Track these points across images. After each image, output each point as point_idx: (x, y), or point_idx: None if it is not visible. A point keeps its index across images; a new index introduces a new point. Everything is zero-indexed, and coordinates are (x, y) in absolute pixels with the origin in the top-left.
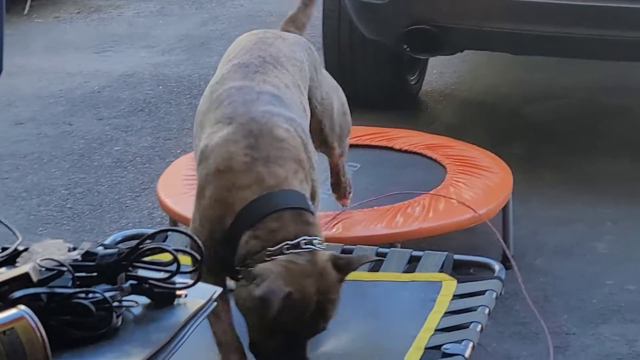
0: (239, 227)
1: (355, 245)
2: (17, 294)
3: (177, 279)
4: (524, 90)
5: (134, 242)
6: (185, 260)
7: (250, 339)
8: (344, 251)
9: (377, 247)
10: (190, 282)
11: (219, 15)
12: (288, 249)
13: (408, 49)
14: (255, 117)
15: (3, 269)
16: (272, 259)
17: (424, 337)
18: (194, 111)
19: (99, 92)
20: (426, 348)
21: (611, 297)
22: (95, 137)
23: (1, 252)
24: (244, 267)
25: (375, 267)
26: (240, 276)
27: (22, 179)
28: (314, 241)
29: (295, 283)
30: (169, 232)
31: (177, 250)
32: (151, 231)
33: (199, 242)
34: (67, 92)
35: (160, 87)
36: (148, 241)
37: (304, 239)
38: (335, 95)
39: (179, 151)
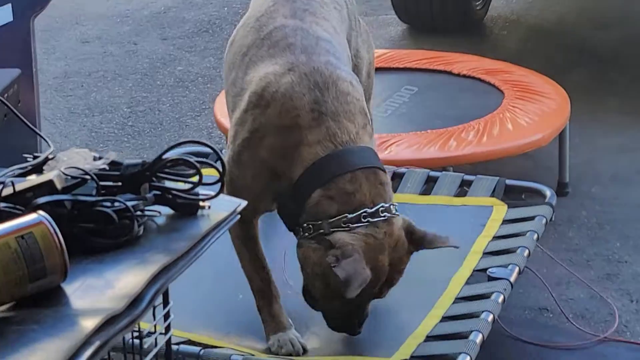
0: (309, 183)
1: (405, 168)
2: (40, 200)
3: (203, 190)
4: (593, 18)
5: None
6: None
7: (307, 290)
8: (395, 174)
9: (429, 171)
10: (213, 193)
11: None
12: (366, 217)
13: None
14: (319, 68)
15: (33, 176)
16: (351, 228)
17: (472, 260)
18: None
19: (164, 13)
20: (474, 271)
21: None
22: (159, 57)
23: (32, 160)
24: (314, 227)
25: (427, 190)
26: (307, 234)
27: (85, 97)
28: (391, 207)
29: (373, 260)
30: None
31: (200, 163)
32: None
33: (221, 155)
34: (134, 11)
35: (225, 8)
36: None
37: (382, 207)
38: (367, 54)
39: None
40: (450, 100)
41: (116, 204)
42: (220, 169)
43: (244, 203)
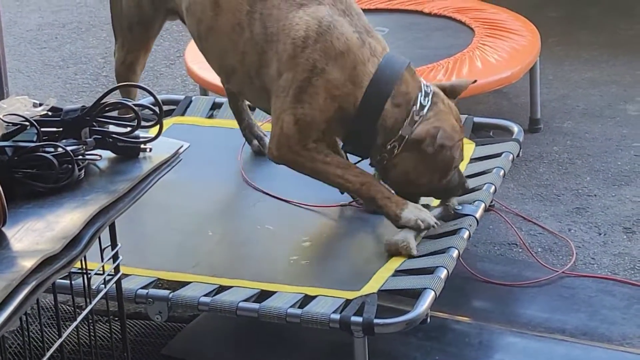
0: (377, 99)
1: None
2: None
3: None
4: None
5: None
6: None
7: (411, 192)
8: None
9: None
10: (152, 135)
11: None
12: (429, 102)
13: None
14: None
15: None
16: (422, 118)
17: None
18: None
19: None
20: (441, 205)
21: (637, 159)
22: None
23: None
24: (399, 143)
25: None
26: (395, 152)
27: (59, 48)
28: (427, 85)
29: (450, 126)
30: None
31: (137, 105)
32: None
33: (157, 97)
34: None
35: None
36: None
37: (426, 88)
38: None
39: None
40: (420, 40)
41: (56, 148)
42: (158, 112)
43: (185, 145)
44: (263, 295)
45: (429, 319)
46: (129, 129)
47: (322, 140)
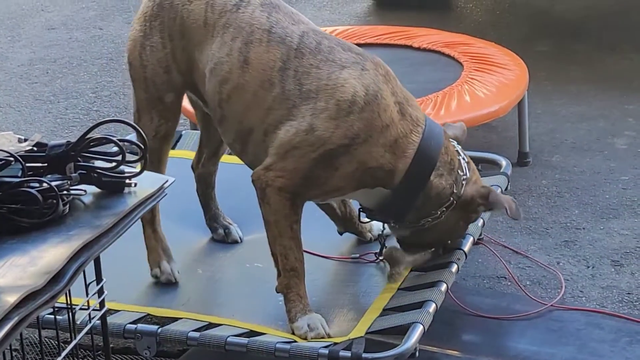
0: (422, 171)
1: None
2: None
3: (128, 169)
4: None
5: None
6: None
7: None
8: None
9: None
10: (137, 170)
11: None
12: (464, 169)
13: None
14: (374, 59)
15: None
16: (467, 180)
17: None
18: None
19: None
20: None
21: (625, 192)
22: (124, 41)
23: None
24: (444, 208)
25: None
26: (436, 217)
27: (51, 83)
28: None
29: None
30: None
31: (122, 141)
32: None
33: (142, 133)
34: None
35: None
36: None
37: (461, 153)
38: None
39: None
40: (410, 74)
41: (40, 184)
42: (142, 146)
43: (171, 180)
44: (252, 333)
45: (417, 353)
46: (114, 164)
47: (319, 200)
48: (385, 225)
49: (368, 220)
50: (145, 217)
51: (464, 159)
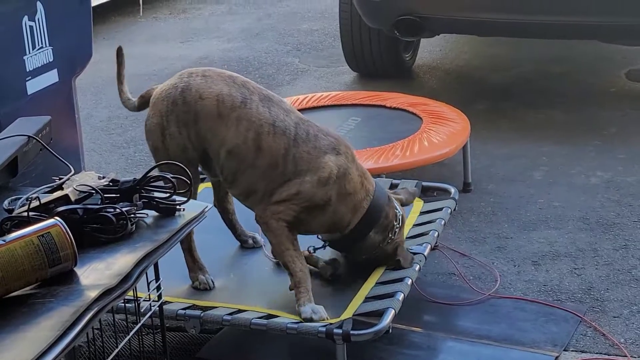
0: (366, 227)
1: None
2: (59, 209)
3: (179, 198)
4: (491, 63)
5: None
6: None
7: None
8: None
9: None
10: (185, 199)
11: (271, 13)
12: (397, 227)
13: (398, 34)
14: (343, 141)
15: (58, 193)
16: (393, 239)
17: None
18: None
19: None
20: None
21: (541, 211)
22: None
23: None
24: (377, 250)
25: None
26: (363, 255)
27: (124, 134)
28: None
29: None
30: None
31: (174, 177)
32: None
33: (188, 170)
34: (159, 71)
35: (225, 66)
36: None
37: (397, 211)
38: None
39: None
40: (383, 126)
41: (114, 209)
42: (189, 182)
43: (210, 206)
44: (270, 316)
45: (391, 330)
46: (167, 194)
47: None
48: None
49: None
50: (184, 245)
51: (398, 224)
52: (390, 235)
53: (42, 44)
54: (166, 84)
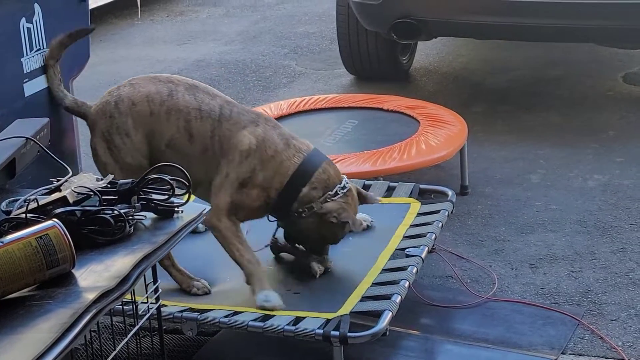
0: (297, 184)
1: (348, 179)
2: (57, 210)
3: (177, 200)
4: (488, 66)
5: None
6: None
7: (302, 242)
8: None
9: (364, 180)
10: (183, 201)
11: (269, 16)
12: (341, 191)
13: (395, 37)
14: (267, 117)
15: (56, 194)
16: (333, 200)
17: (394, 242)
18: (246, 86)
19: (178, 73)
20: (396, 249)
21: (538, 214)
22: None
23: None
24: (308, 209)
25: None
26: (303, 215)
27: None
28: (346, 180)
29: (353, 212)
30: None
31: (172, 179)
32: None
33: (186, 173)
34: (156, 73)
35: (222, 69)
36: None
37: (345, 181)
38: None
39: None
40: (381, 129)
41: (112, 211)
42: (187, 184)
43: (207, 208)
44: (266, 317)
45: (388, 332)
46: (166, 196)
47: (249, 218)
48: None
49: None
50: (166, 263)
51: (342, 188)
52: (329, 193)
53: (39, 45)
54: (99, 102)
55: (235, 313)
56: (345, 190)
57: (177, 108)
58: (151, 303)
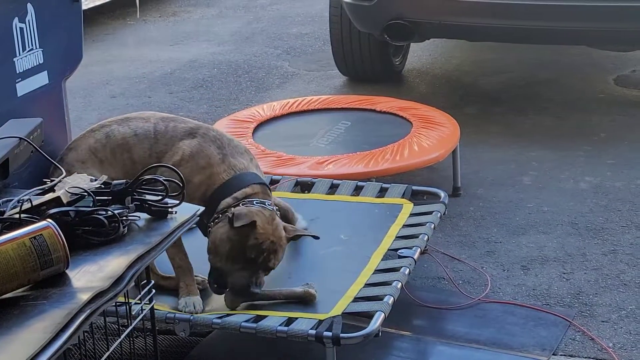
0: (219, 196)
1: (341, 180)
2: (51, 211)
3: (171, 201)
4: (481, 68)
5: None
6: None
7: (214, 266)
8: (332, 185)
9: (357, 181)
10: (177, 202)
11: (261, 17)
12: (258, 203)
13: (388, 38)
14: (207, 127)
15: (49, 195)
16: (245, 204)
17: (387, 242)
18: (239, 87)
19: (171, 74)
20: (388, 250)
21: (530, 216)
22: (167, 106)
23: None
24: (222, 215)
25: (356, 193)
26: (216, 221)
27: None
28: (275, 208)
29: (261, 221)
30: None
31: (166, 180)
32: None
33: (181, 175)
34: (148, 74)
35: (215, 69)
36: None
37: (269, 202)
38: None
39: (225, 115)
40: (374, 130)
41: (106, 212)
42: (181, 185)
43: (201, 209)
44: (259, 318)
45: (380, 333)
46: (159, 197)
47: None
48: None
49: None
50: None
51: (259, 203)
52: (245, 200)
53: (32, 45)
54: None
55: (228, 314)
56: (266, 206)
57: (117, 144)
58: (145, 303)
